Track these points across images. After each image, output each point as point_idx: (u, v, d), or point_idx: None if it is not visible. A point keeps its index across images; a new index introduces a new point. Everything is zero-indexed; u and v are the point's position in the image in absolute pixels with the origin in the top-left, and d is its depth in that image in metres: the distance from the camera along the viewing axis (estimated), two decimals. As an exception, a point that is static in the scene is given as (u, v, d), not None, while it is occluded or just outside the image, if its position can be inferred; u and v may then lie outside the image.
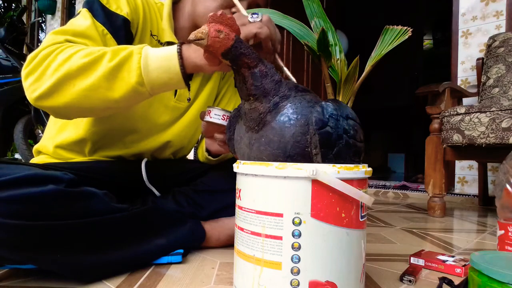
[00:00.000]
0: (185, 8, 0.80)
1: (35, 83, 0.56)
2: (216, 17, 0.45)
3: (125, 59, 0.55)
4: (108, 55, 0.56)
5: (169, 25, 0.77)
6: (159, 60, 0.56)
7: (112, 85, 0.56)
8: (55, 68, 0.55)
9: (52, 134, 0.78)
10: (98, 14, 0.66)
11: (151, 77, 0.56)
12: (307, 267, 0.41)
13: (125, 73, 0.55)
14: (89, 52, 0.56)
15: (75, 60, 0.55)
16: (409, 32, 0.49)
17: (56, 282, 0.57)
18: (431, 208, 1.42)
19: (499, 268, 0.42)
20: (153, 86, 0.57)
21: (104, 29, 0.65)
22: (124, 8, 0.69)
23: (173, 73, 0.56)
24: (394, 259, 0.77)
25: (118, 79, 0.55)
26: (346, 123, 0.45)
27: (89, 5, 0.66)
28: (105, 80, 0.55)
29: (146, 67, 0.55)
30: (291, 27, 0.55)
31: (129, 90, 0.56)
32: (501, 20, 1.86)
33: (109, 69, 0.55)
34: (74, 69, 0.55)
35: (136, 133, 0.79)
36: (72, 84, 0.55)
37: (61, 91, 0.56)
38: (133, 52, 0.56)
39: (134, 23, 0.72)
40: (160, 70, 0.56)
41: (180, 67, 0.56)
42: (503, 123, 1.19)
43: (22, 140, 2.53)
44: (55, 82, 0.55)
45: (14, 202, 0.48)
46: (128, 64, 0.55)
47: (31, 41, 4.80)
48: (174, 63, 0.56)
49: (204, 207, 0.81)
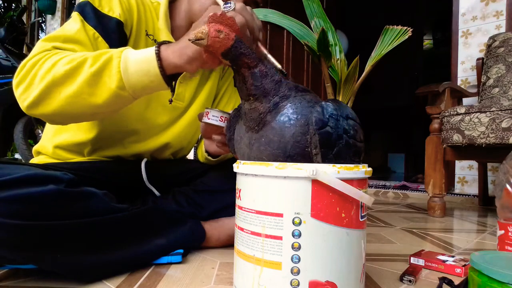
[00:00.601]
0: (181, 7, 0.79)
1: (24, 93, 0.57)
2: (216, 17, 0.45)
3: (105, 64, 0.55)
4: (89, 61, 0.56)
5: (165, 24, 0.77)
6: (138, 63, 0.55)
7: (94, 90, 0.56)
8: (41, 76, 0.56)
9: (51, 135, 0.78)
10: (89, 17, 0.65)
11: (132, 81, 0.56)
12: (307, 267, 0.41)
13: (106, 78, 0.55)
14: (72, 58, 0.56)
15: (58, 67, 0.55)
16: (409, 32, 0.49)
17: (56, 282, 0.57)
18: (431, 208, 1.42)
19: (499, 268, 0.42)
20: (135, 90, 0.57)
21: (96, 33, 0.65)
22: (116, 9, 0.69)
23: (153, 75, 0.56)
24: (394, 259, 0.77)
25: (100, 85, 0.55)
26: (346, 123, 0.45)
27: (81, 9, 0.66)
28: (87, 86, 0.55)
29: (126, 71, 0.55)
30: (291, 27, 0.55)
31: (111, 95, 0.56)
32: (501, 20, 1.86)
33: (90, 75, 0.55)
34: (57, 76, 0.55)
35: (135, 135, 0.79)
36: (57, 92, 0.56)
37: (48, 99, 0.56)
38: (112, 57, 0.56)
39: (127, 24, 0.72)
40: (140, 73, 0.55)
41: (159, 69, 0.55)
42: (503, 123, 1.19)
43: (22, 140, 2.53)
44: (41, 90, 0.55)
45: (14, 202, 0.48)
46: (108, 69, 0.55)
47: (31, 41, 4.79)
48: (153, 65, 0.55)
49: (204, 207, 0.81)
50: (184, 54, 0.55)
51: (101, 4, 0.68)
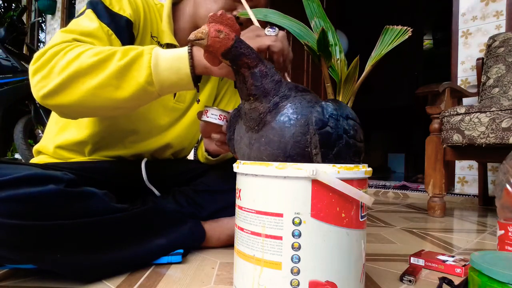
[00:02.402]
0: (185, 9, 0.79)
1: (43, 80, 0.56)
2: (216, 17, 0.45)
3: (135, 58, 0.56)
4: (119, 54, 0.56)
5: (168, 26, 0.77)
6: (169, 60, 0.56)
7: (121, 83, 0.56)
8: (64, 66, 0.55)
9: (53, 134, 0.78)
10: (102, 15, 0.66)
11: (161, 77, 0.56)
12: (307, 267, 0.41)
13: (135, 72, 0.55)
14: (99, 51, 0.56)
15: (84, 58, 0.55)
16: (409, 32, 0.49)
17: (56, 282, 0.57)
18: (431, 208, 1.42)
19: (499, 268, 0.42)
20: (162, 86, 0.57)
21: (109, 30, 0.66)
22: (126, 9, 0.69)
23: (183, 73, 0.57)
24: (394, 259, 0.77)
25: (128, 78, 0.56)
26: (346, 123, 0.45)
27: (93, 6, 0.66)
28: (115, 78, 0.55)
29: (156, 67, 0.56)
30: (291, 27, 0.55)
31: (138, 89, 0.56)
32: (501, 20, 1.86)
33: (119, 67, 0.55)
34: (83, 67, 0.55)
35: (136, 135, 0.80)
36: (80, 82, 0.55)
37: (69, 89, 0.55)
38: (143, 52, 0.56)
39: (136, 24, 0.72)
40: (170, 71, 0.56)
41: (190, 68, 0.56)
42: (503, 123, 1.19)
43: (22, 140, 2.53)
44: (63, 79, 0.55)
45: (14, 202, 0.48)
46: (138, 64, 0.55)
47: (31, 41, 4.79)
48: (184, 64, 0.56)
49: (204, 207, 0.81)
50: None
51: (111, 3, 0.68)
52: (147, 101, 0.61)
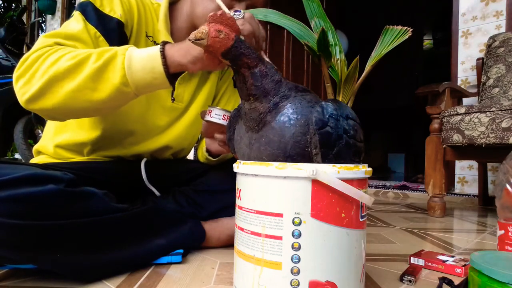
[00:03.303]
0: (183, 9, 0.79)
1: (24, 86, 0.57)
2: (216, 17, 0.45)
3: (109, 60, 0.56)
4: (93, 57, 0.56)
5: (165, 26, 0.77)
6: (142, 60, 0.56)
7: (97, 85, 0.56)
8: (44, 71, 0.56)
9: (52, 134, 0.78)
10: (91, 17, 0.66)
11: (135, 78, 0.56)
12: (307, 267, 0.41)
13: (110, 73, 0.56)
14: (76, 54, 0.57)
15: (62, 62, 0.56)
16: (409, 32, 0.49)
17: (56, 282, 0.57)
18: (431, 208, 1.42)
19: (499, 268, 0.42)
20: (137, 86, 0.57)
21: (97, 32, 0.66)
22: (117, 10, 0.69)
23: (157, 73, 0.56)
24: (394, 259, 0.77)
25: (103, 80, 0.56)
26: (346, 123, 0.45)
27: (82, 8, 0.67)
28: (90, 81, 0.56)
29: (130, 68, 0.56)
30: (291, 27, 0.55)
31: (114, 91, 0.56)
32: (501, 20, 1.86)
33: (94, 70, 0.55)
34: (61, 71, 0.55)
35: (135, 135, 0.80)
36: (59, 86, 0.56)
37: (49, 93, 0.56)
38: (117, 53, 0.56)
39: (128, 25, 0.72)
40: (144, 71, 0.56)
41: (163, 67, 0.56)
42: (503, 123, 1.19)
43: (22, 140, 2.53)
44: (43, 84, 0.56)
45: (14, 201, 0.48)
46: (112, 65, 0.56)
47: (31, 41, 4.79)
48: (157, 63, 0.56)
49: (204, 207, 0.81)
50: (189, 53, 0.55)
51: (102, 4, 0.68)
52: (125, 102, 0.61)
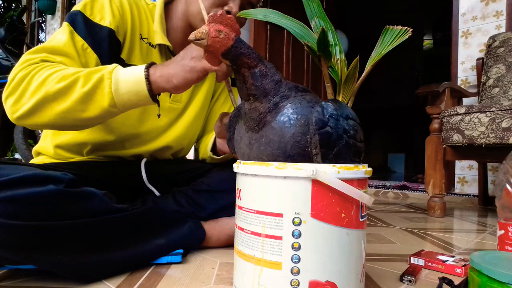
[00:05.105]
0: (178, 8, 0.79)
1: (14, 105, 0.59)
2: (216, 17, 0.45)
3: (96, 84, 0.58)
4: (81, 80, 0.58)
5: (160, 27, 0.77)
6: (128, 84, 0.59)
7: (86, 107, 0.59)
8: (33, 91, 0.58)
9: (51, 135, 0.78)
10: (79, 27, 0.67)
11: (122, 100, 0.60)
12: (307, 267, 0.41)
13: (98, 96, 0.59)
14: (63, 76, 0.58)
15: (50, 84, 0.58)
16: (409, 32, 0.49)
17: (56, 282, 0.57)
18: (431, 208, 1.42)
19: (499, 268, 0.42)
20: (124, 106, 0.61)
21: (84, 43, 0.67)
22: (107, 18, 0.69)
23: (142, 95, 0.60)
24: (394, 259, 0.77)
25: (92, 102, 0.59)
26: (346, 123, 0.45)
27: (72, 18, 0.67)
28: (80, 103, 0.59)
29: (117, 91, 0.59)
30: (291, 27, 0.55)
31: (102, 112, 0.60)
32: (501, 20, 1.86)
33: (82, 94, 0.58)
34: (50, 93, 0.58)
35: (135, 137, 0.80)
36: (49, 107, 0.59)
37: (39, 113, 0.59)
38: (103, 77, 0.59)
39: (120, 31, 0.72)
40: (130, 94, 0.59)
41: (148, 91, 0.59)
42: (503, 123, 1.19)
43: (22, 140, 2.52)
44: (33, 105, 0.58)
45: (14, 202, 0.48)
46: (100, 89, 0.59)
47: (31, 41, 4.79)
48: (142, 87, 0.59)
49: (204, 207, 0.81)
50: (171, 82, 0.59)
51: (93, 13, 0.69)
52: (113, 117, 0.64)
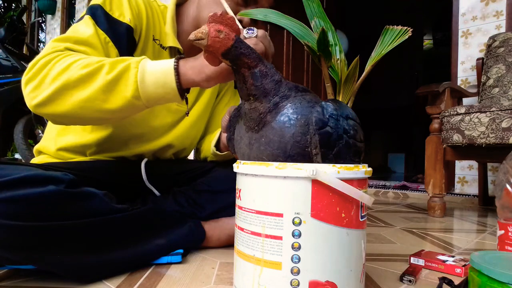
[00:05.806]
0: (189, 11, 0.79)
1: (34, 91, 0.57)
2: (216, 17, 0.45)
3: (122, 72, 0.56)
4: (106, 68, 0.56)
5: (172, 29, 0.76)
6: (155, 75, 0.56)
7: (108, 97, 0.56)
8: (54, 77, 0.55)
9: (54, 135, 0.78)
10: (101, 21, 0.65)
11: (147, 92, 0.56)
12: (307, 267, 0.41)
13: (122, 86, 0.56)
14: (88, 63, 0.56)
15: (73, 70, 0.55)
16: (409, 32, 0.49)
17: (56, 282, 0.57)
18: (431, 208, 1.42)
19: (499, 268, 0.42)
20: (149, 100, 0.57)
21: (106, 37, 0.66)
22: (127, 15, 0.69)
23: (169, 88, 0.56)
24: (394, 259, 0.77)
25: (115, 92, 0.56)
26: (346, 123, 0.45)
27: (92, 12, 0.66)
28: (102, 92, 0.56)
29: (143, 82, 0.56)
30: (291, 27, 0.55)
31: (125, 103, 0.57)
32: (501, 20, 1.86)
33: (107, 82, 0.55)
34: (72, 80, 0.55)
35: (139, 137, 0.80)
36: (70, 94, 0.56)
37: (59, 100, 0.56)
38: (130, 66, 0.56)
39: (137, 30, 0.72)
40: (156, 85, 0.56)
41: (176, 83, 0.56)
42: (503, 123, 1.19)
43: (22, 140, 2.53)
44: (53, 91, 0.55)
45: (14, 202, 0.48)
46: (125, 78, 0.55)
47: (31, 41, 4.79)
48: (170, 79, 0.56)
49: (204, 207, 0.81)
50: (203, 72, 0.55)
51: (112, 9, 0.68)
52: (135, 113, 0.61)
